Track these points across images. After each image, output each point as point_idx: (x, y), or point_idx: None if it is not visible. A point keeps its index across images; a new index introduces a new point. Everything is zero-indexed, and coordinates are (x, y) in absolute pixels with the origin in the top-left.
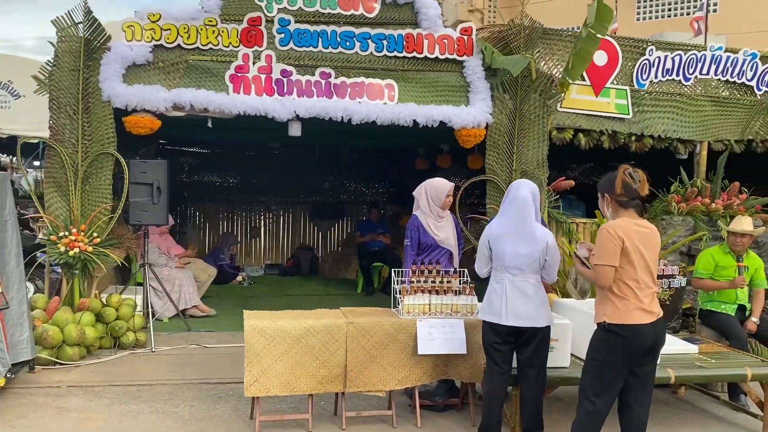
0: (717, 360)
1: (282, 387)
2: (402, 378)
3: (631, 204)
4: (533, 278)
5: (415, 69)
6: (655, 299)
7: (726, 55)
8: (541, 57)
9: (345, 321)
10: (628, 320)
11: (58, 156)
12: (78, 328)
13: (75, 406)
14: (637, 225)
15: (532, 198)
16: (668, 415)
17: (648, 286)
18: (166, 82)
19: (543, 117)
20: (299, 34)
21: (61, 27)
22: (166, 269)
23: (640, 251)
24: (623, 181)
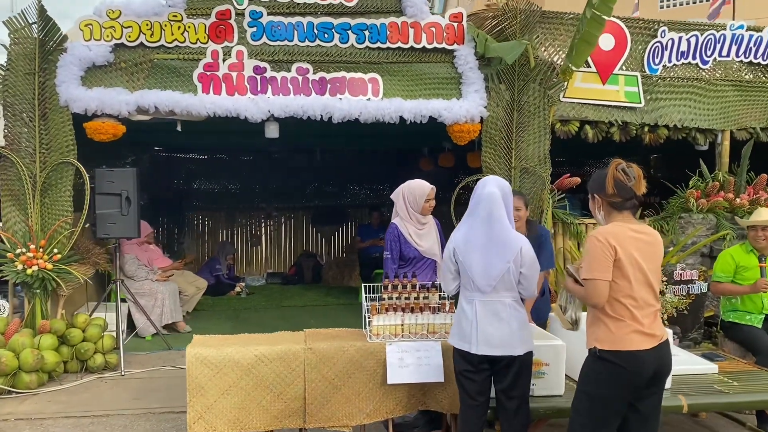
0: (740, 382)
1: (231, 425)
2: (371, 411)
3: (626, 205)
4: (509, 296)
5: (400, 61)
6: (657, 319)
7: (748, 34)
8: (540, 43)
9: (303, 347)
10: (624, 346)
11: (15, 167)
12: (35, 353)
13: None
14: (633, 231)
15: (502, 196)
16: None
17: (648, 303)
18: (129, 83)
19: (544, 108)
20: (273, 27)
21: (13, 28)
22: (147, 282)
23: (638, 262)
24: (615, 179)
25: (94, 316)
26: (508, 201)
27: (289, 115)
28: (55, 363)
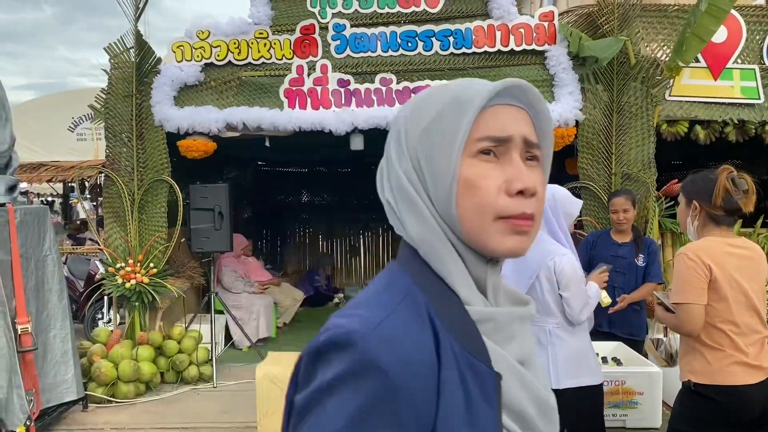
0: None
1: None
2: None
3: (727, 221)
4: (551, 321)
5: (488, 66)
6: (765, 349)
7: None
8: (641, 38)
9: None
10: (724, 380)
11: (115, 185)
12: (133, 364)
13: None
14: (731, 246)
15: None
16: None
17: (753, 330)
18: (219, 101)
19: (647, 109)
20: (356, 38)
21: (113, 53)
22: (244, 295)
23: (738, 282)
24: (725, 189)
25: (190, 329)
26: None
27: (372, 126)
28: (152, 374)
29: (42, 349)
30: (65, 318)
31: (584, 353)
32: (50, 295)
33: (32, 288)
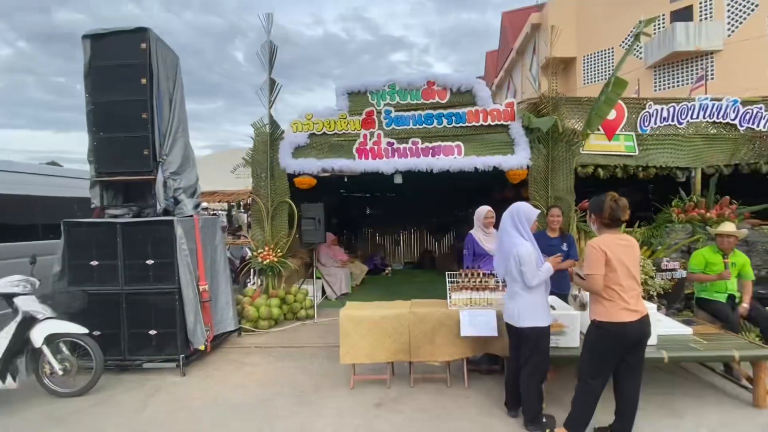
0: (709, 341)
1: (365, 357)
2: (451, 352)
3: (614, 225)
4: (516, 286)
5: (475, 133)
6: (639, 300)
7: (711, 102)
8: (566, 117)
9: (408, 311)
10: (615, 318)
11: (258, 205)
12: (267, 309)
13: (251, 361)
14: (618, 239)
15: (510, 214)
16: (670, 385)
17: (632, 288)
18: (318, 155)
19: (569, 159)
20: (398, 118)
21: (256, 128)
22: (333, 269)
23: (622, 261)
24: (611, 208)
25: (302, 288)
26: (521, 217)
27: (408, 169)
28: (278, 314)
29: (214, 300)
30: (228, 283)
31: (539, 305)
32: (219, 268)
33: (209, 265)
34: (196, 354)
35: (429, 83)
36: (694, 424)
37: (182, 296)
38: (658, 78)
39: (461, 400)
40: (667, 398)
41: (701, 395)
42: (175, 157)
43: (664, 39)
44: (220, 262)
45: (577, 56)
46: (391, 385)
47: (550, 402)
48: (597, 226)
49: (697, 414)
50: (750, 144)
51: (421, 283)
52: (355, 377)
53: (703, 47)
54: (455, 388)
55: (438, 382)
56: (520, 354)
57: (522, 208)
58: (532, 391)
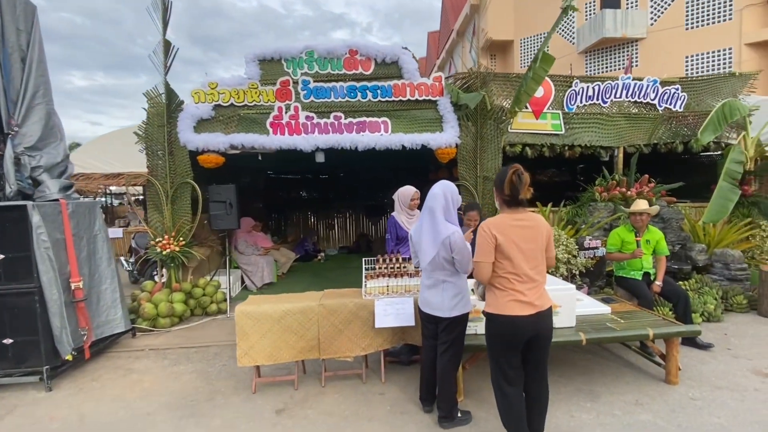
0: (626, 320)
1: (267, 358)
2: (366, 345)
3: (514, 203)
4: (442, 274)
5: (402, 108)
6: (540, 292)
7: (634, 82)
8: (494, 94)
9: (317, 304)
10: (503, 310)
11: (154, 187)
12: (167, 305)
13: (140, 367)
14: (515, 220)
15: (443, 195)
16: (590, 365)
17: (530, 278)
18: (225, 130)
19: (497, 137)
20: (317, 89)
21: (149, 97)
22: (253, 257)
23: (519, 246)
24: (512, 183)
25: (214, 279)
26: (454, 200)
27: (329, 146)
28: (183, 310)
29: (96, 298)
30: (114, 277)
31: (464, 292)
32: (101, 262)
33: (85, 257)
34: (70, 364)
35: (351, 52)
36: (609, 406)
37: (44, 297)
38: (590, 63)
39: (375, 398)
40: (586, 379)
41: (618, 374)
42: (33, 129)
43: (594, 25)
44: (101, 254)
45: (515, 39)
46: (300, 386)
47: (468, 396)
48: (499, 203)
49: (612, 394)
50: (667, 124)
51: (355, 269)
52: (259, 380)
53: (629, 35)
54: (371, 383)
55: (353, 378)
56: (439, 342)
57: (455, 195)
58: (450, 381)
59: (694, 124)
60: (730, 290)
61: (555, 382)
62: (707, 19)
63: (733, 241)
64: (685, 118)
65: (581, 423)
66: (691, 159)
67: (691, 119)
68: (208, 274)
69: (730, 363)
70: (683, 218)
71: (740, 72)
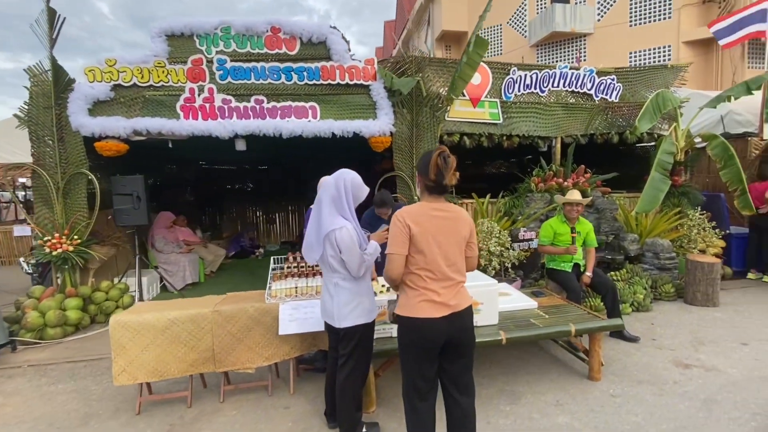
0: (551, 315)
1: (150, 374)
2: (270, 355)
3: (438, 190)
4: (336, 276)
5: (332, 93)
6: (458, 292)
7: (571, 71)
8: (429, 80)
9: (210, 310)
10: (413, 312)
11: (42, 178)
12: (58, 313)
13: (7, 389)
14: (435, 210)
15: (335, 185)
16: (516, 362)
17: (446, 276)
18: (127, 113)
19: (434, 125)
20: (235, 70)
21: (32, 74)
22: (173, 255)
23: (436, 238)
24: (438, 167)
25: (122, 282)
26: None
27: (249, 133)
28: (78, 318)
29: None
30: None
31: (363, 296)
32: None
33: None
34: None
35: (273, 29)
36: (528, 408)
37: None
38: (541, 56)
39: (278, 412)
40: (510, 378)
41: (543, 371)
42: None
43: (545, 19)
44: None
45: (469, 31)
46: (196, 403)
47: (381, 405)
48: (420, 189)
49: (534, 394)
50: (604, 114)
51: None
52: (147, 398)
53: (578, 29)
54: (278, 395)
55: (259, 391)
56: (342, 355)
57: (355, 180)
58: (348, 398)
59: (629, 114)
60: (659, 279)
61: (477, 383)
62: (649, 17)
63: (663, 230)
64: (620, 108)
65: (497, 430)
66: (627, 150)
67: (626, 110)
68: (117, 276)
69: (654, 355)
70: (617, 208)
71: (672, 64)
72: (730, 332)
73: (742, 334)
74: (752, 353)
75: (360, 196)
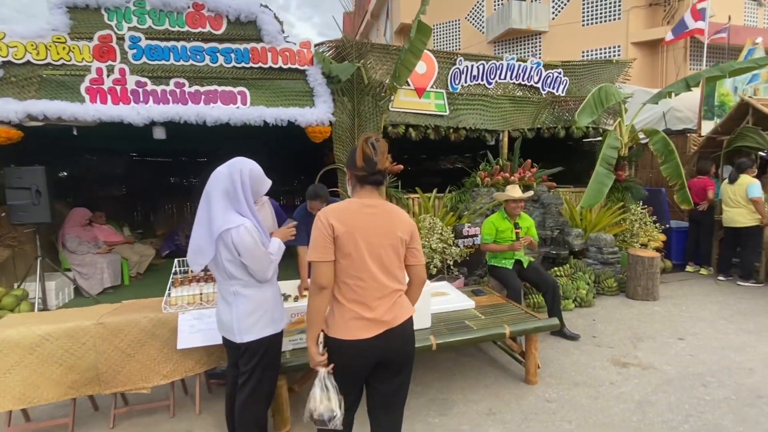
0: (487, 316)
1: (16, 401)
2: (169, 372)
3: (369, 180)
4: (235, 283)
5: (264, 77)
6: (393, 303)
7: (518, 63)
8: (372, 67)
9: (94, 323)
10: (340, 333)
11: None
12: None
13: None
14: (365, 206)
15: (229, 176)
16: (452, 365)
17: (381, 285)
18: (20, 95)
19: (377, 115)
20: (151, 49)
21: None
22: (89, 256)
23: (366, 239)
24: (365, 153)
25: (18, 287)
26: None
27: (168, 120)
28: None
29: None
30: None
31: (270, 304)
32: None
33: None
34: None
35: (196, 5)
36: (459, 419)
37: None
38: (498, 53)
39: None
40: (444, 385)
41: (480, 375)
42: None
43: (502, 15)
44: None
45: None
46: (80, 430)
47: (295, 423)
48: (351, 185)
49: (467, 402)
50: (550, 108)
51: None
52: (16, 429)
53: (533, 27)
54: (182, 416)
55: (159, 412)
56: (242, 373)
57: (255, 171)
58: (250, 422)
59: (575, 109)
60: (602, 274)
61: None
62: (600, 18)
63: (607, 225)
64: (566, 102)
65: None
66: (575, 145)
67: (572, 104)
68: (17, 282)
69: (593, 353)
70: (562, 203)
71: (617, 59)
72: (668, 326)
73: (678, 328)
74: (688, 348)
75: (260, 190)
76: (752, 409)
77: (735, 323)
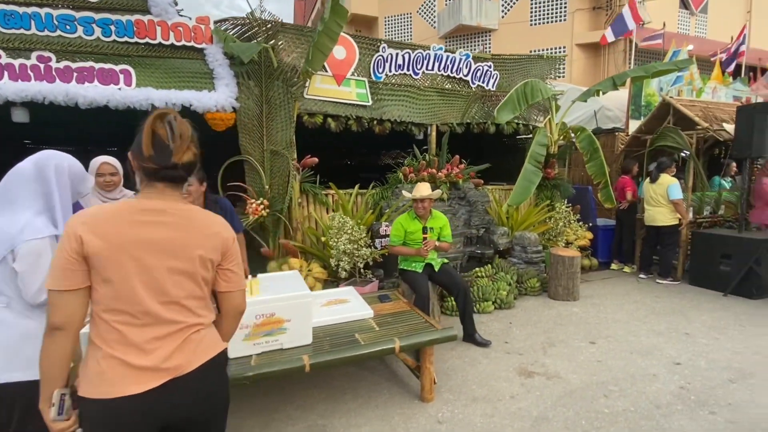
0: (381, 328)
1: None
2: None
3: (162, 175)
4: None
5: (153, 55)
6: (184, 342)
7: (446, 54)
8: (284, 49)
9: None
10: (94, 391)
11: None
12: None
13: None
14: (143, 212)
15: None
16: (344, 381)
17: (159, 319)
18: None
19: (288, 103)
20: (5, 15)
21: None
22: None
23: (136, 259)
24: (156, 136)
25: None
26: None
27: (27, 99)
28: None
29: None
30: None
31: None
32: None
33: None
34: None
35: None
36: None
37: None
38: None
39: None
40: (329, 408)
41: (372, 393)
42: None
43: (453, 11)
44: None
45: (379, 17)
46: None
47: None
48: (139, 178)
49: (348, 428)
50: (480, 103)
51: None
52: None
53: (483, 24)
54: None
55: None
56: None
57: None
58: None
59: None
60: (525, 274)
61: (286, 417)
62: (547, 18)
63: (533, 223)
64: (497, 97)
65: None
66: (509, 141)
67: (502, 99)
68: None
69: (500, 361)
70: (489, 201)
71: (548, 55)
72: (582, 329)
73: (592, 331)
74: (597, 353)
75: (82, 189)
76: (648, 422)
77: (647, 324)
